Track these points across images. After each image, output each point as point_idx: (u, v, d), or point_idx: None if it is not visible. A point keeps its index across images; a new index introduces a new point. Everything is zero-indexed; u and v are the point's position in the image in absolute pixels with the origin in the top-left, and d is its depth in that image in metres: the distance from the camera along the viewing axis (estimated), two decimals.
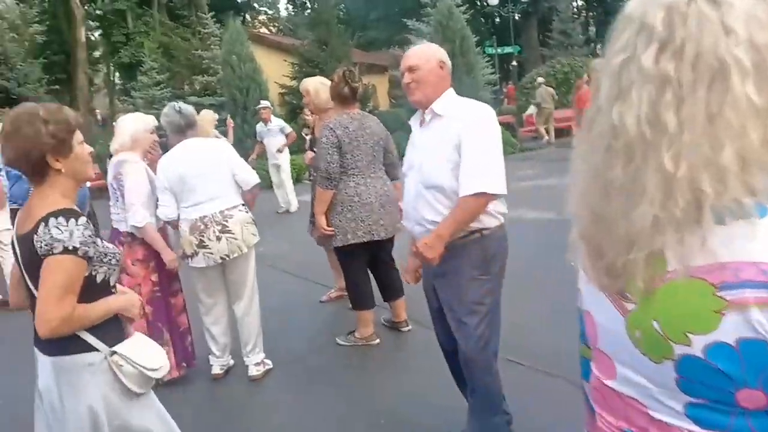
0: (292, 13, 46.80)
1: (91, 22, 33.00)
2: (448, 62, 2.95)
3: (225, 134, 10.32)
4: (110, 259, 2.17)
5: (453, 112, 2.82)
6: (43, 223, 2.00)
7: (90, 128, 24.09)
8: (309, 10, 39.63)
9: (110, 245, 2.25)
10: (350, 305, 5.54)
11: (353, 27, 36.15)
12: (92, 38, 34.01)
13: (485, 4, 27.44)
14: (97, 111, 30.62)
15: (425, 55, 2.91)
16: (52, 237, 1.98)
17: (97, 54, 35.09)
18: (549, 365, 3.86)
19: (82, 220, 2.04)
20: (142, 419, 2.25)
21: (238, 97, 15.89)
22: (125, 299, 2.27)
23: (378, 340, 4.70)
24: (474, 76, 18.24)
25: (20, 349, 5.16)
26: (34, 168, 2.08)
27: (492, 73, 21.46)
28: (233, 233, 4.07)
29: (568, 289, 1.31)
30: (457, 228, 2.72)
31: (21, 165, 2.09)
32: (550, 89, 18.07)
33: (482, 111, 2.85)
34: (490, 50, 23.27)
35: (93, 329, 2.13)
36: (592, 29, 38.55)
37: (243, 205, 4.20)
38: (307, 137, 6.09)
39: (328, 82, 4.91)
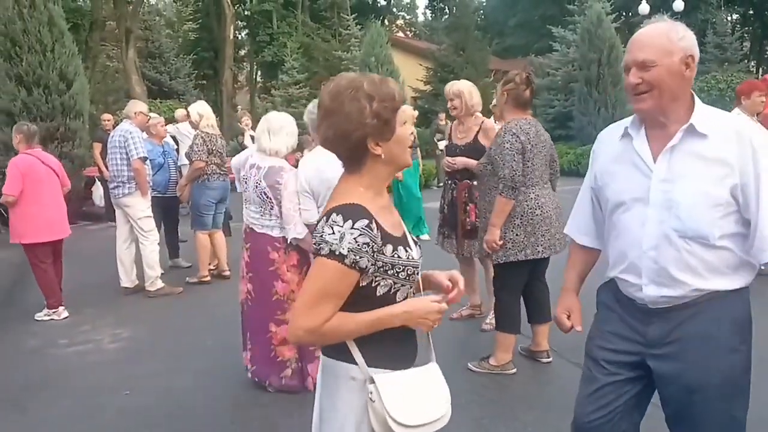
0: (430, 18, 46.89)
1: (239, 22, 34.51)
2: (698, 55, 2.06)
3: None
4: (398, 272, 1.77)
5: (721, 131, 2.00)
6: (325, 218, 1.73)
7: (232, 123, 25.14)
8: (447, 15, 39.42)
9: (406, 254, 1.81)
10: (482, 326, 5.19)
11: (491, 33, 35.62)
12: (239, 37, 35.56)
13: (635, 13, 26.04)
14: (239, 107, 31.94)
15: (665, 44, 2.00)
16: (322, 236, 1.70)
17: (242, 53, 36.68)
18: None
19: (362, 223, 1.69)
20: None
21: None
22: (409, 306, 1.80)
23: (515, 370, 4.27)
24: (621, 87, 17.24)
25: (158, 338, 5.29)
26: (352, 152, 1.78)
27: None
28: None
29: None
30: None
31: (338, 147, 1.79)
32: None
33: (760, 132, 2.14)
34: None
35: (363, 341, 1.78)
36: (747, 45, 35.79)
37: None
38: (440, 142, 5.74)
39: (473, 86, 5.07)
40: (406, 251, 1.81)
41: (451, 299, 1.89)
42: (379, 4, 40.86)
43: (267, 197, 4.02)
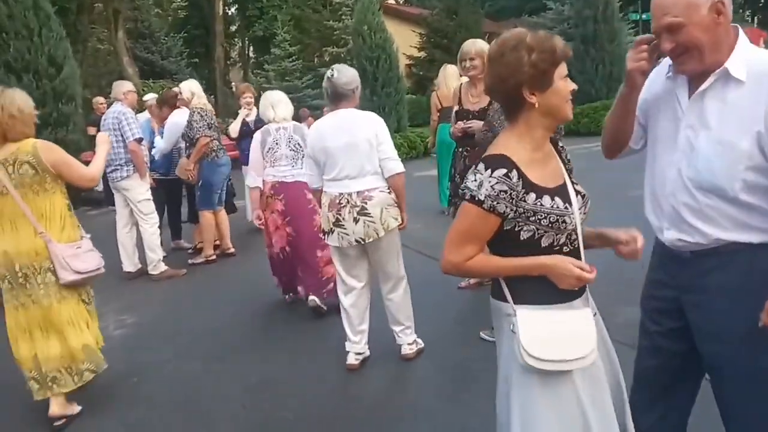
0: None
1: None
2: None
3: None
4: (540, 219, 1.86)
5: (761, 76, 1.86)
6: (474, 166, 1.91)
7: (227, 100, 24.93)
8: None
9: (550, 203, 1.87)
10: (460, 284, 5.37)
11: None
12: (229, 13, 35.06)
13: None
14: (233, 83, 31.62)
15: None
16: (466, 183, 1.89)
17: (233, 28, 36.20)
18: None
19: (499, 172, 1.83)
20: (525, 402, 1.91)
21: (368, 68, 15.58)
22: (548, 261, 1.87)
23: None
24: (618, 43, 16.96)
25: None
26: (508, 98, 1.93)
27: None
28: (371, 216, 3.81)
29: None
30: None
31: (497, 93, 1.97)
32: None
33: None
34: (634, 16, 21.69)
35: (513, 281, 1.93)
36: None
37: (387, 186, 3.93)
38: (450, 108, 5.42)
39: None
40: (553, 200, 1.87)
41: (628, 253, 1.98)
42: None
43: (300, 147, 5.04)
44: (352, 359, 4.07)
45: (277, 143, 5.07)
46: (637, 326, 3.73)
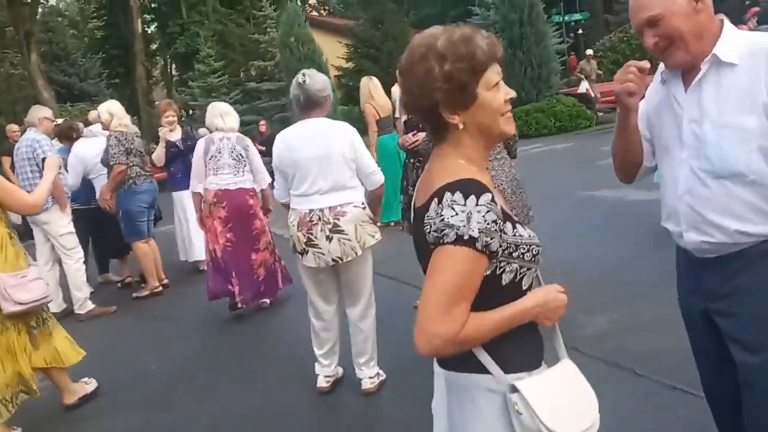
0: None
1: (146, 15, 33.11)
2: None
3: None
4: (523, 253, 1.47)
5: (752, 54, 1.79)
6: (436, 199, 1.42)
7: (150, 120, 24.12)
8: None
9: (526, 232, 1.51)
10: (415, 303, 4.90)
11: (407, 4, 35.13)
12: (148, 31, 34.14)
13: None
14: (156, 103, 30.74)
15: None
16: (444, 220, 1.39)
17: (153, 46, 35.27)
18: None
19: (486, 198, 1.39)
20: None
21: None
22: (542, 298, 1.50)
23: None
24: (544, 46, 17.16)
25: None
26: (429, 120, 1.54)
27: (560, 43, 20.25)
28: (346, 233, 3.51)
29: None
30: None
31: (415, 114, 1.60)
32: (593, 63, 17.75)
33: None
34: (557, 18, 22.03)
35: (492, 343, 1.46)
36: None
37: (361, 201, 3.65)
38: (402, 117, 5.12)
39: None
40: (525, 229, 1.51)
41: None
42: None
43: (242, 157, 5.32)
44: (322, 382, 3.81)
45: (219, 152, 5.24)
46: (606, 336, 3.60)
